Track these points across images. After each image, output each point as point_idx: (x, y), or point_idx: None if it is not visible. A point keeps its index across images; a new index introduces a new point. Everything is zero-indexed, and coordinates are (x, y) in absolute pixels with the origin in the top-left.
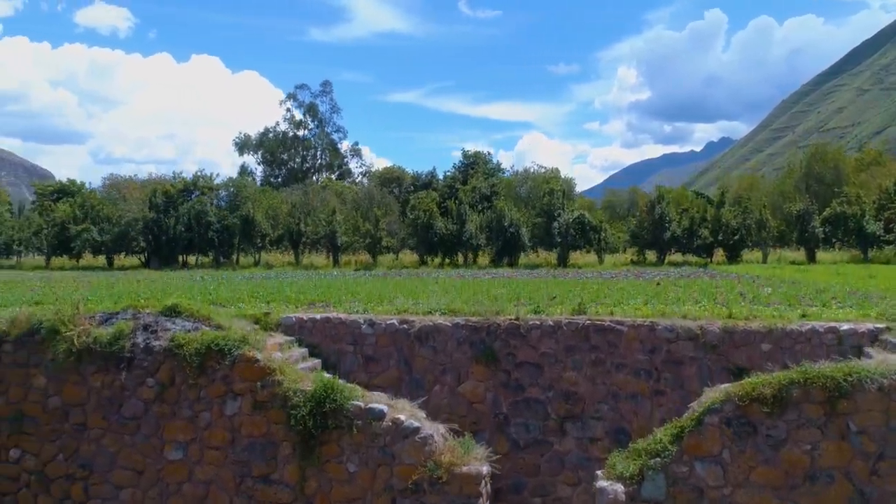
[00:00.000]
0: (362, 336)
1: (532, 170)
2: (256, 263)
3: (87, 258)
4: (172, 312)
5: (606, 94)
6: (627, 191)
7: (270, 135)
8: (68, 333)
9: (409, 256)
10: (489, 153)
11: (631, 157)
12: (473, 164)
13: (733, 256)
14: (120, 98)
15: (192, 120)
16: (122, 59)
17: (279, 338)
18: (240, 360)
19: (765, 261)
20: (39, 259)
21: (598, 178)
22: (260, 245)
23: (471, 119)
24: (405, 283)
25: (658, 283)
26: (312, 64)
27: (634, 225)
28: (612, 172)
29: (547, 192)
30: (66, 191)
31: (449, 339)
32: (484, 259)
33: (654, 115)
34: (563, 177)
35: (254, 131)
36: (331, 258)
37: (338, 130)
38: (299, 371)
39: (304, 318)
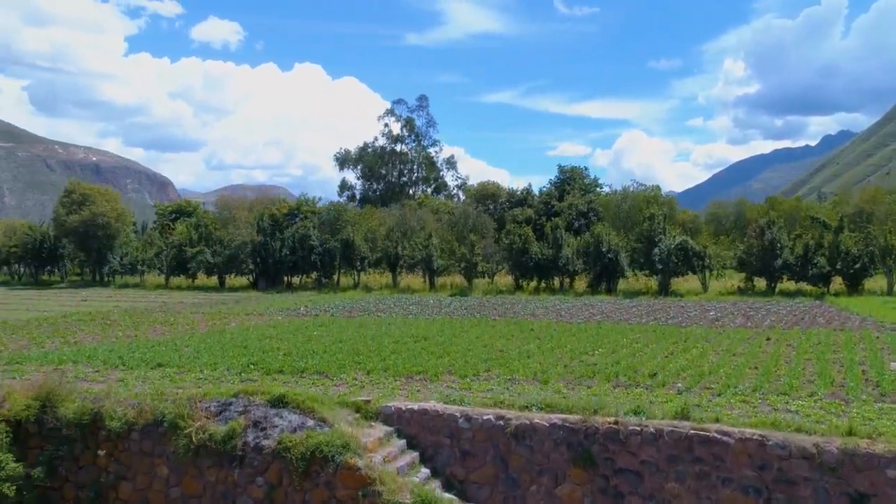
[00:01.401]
0: (459, 430)
1: (631, 188)
2: (356, 285)
3: (202, 278)
4: (280, 403)
5: (711, 89)
6: (734, 203)
7: (369, 150)
8: (187, 430)
9: (504, 278)
10: (586, 168)
11: (738, 154)
12: (570, 180)
13: (853, 285)
14: (230, 107)
15: (295, 126)
16: (232, 70)
17: (379, 429)
18: (342, 468)
19: (890, 291)
20: (160, 278)
21: (702, 176)
22: (359, 267)
23: (566, 118)
24: (498, 329)
25: (768, 339)
26: (408, 68)
27: (742, 251)
28: (717, 170)
29: (647, 217)
30: (183, 210)
31: (546, 439)
32: (581, 283)
33: (763, 109)
34: (664, 194)
35: (352, 139)
36: (427, 281)
37: (434, 144)
38: (399, 480)
39: (403, 408)
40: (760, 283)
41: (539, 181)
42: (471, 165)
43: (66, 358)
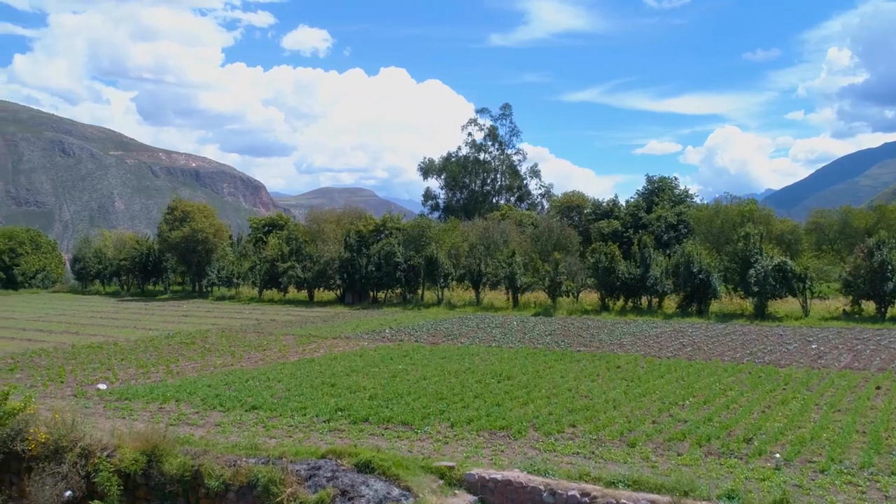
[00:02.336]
0: None
1: (724, 200)
2: (439, 301)
3: (292, 291)
4: (367, 468)
5: (812, 80)
6: (838, 211)
7: (452, 159)
8: (279, 497)
9: (590, 296)
10: (675, 178)
11: (843, 148)
12: (658, 191)
13: None
14: (319, 112)
15: (381, 129)
16: (321, 76)
17: (462, 498)
18: None
19: None
20: (254, 291)
21: (803, 173)
22: (443, 284)
23: (655, 115)
24: (583, 365)
25: (878, 388)
26: (492, 68)
27: (848, 271)
28: (819, 165)
29: (742, 236)
30: (275, 224)
31: None
32: (670, 304)
33: (871, 100)
34: (760, 209)
35: (436, 140)
36: (510, 298)
37: (517, 152)
38: None
39: (486, 476)
40: (869, 306)
41: (625, 180)
42: (555, 166)
43: (170, 395)
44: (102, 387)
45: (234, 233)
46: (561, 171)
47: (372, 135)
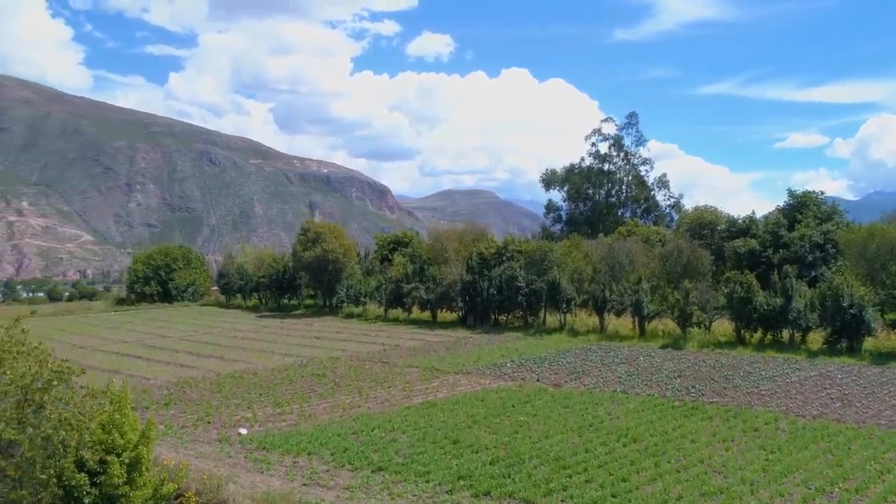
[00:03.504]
0: None
1: (881, 220)
2: (562, 327)
3: (416, 311)
4: None
5: None
6: None
7: (576, 170)
8: None
9: (723, 325)
10: (821, 192)
11: None
12: (802, 207)
13: None
14: (442, 116)
15: (502, 130)
16: (444, 80)
17: None
18: None
19: None
20: (380, 309)
21: None
22: (565, 309)
23: (796, 105)
24: (715, 427)
25: None
26: (617, 64)
27: None
28: None
29: None
30: (400, 241)
31: None
32: (815, 339)
33: None
34: None
35: (560, 141)
36: (636, 326)
37: (644, 162)
38: None
39: None
40: None
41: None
42: (685, 163)
43: (303, 445)
44: (243, 431)
45: (360, 234)
46: (692, 169)
47: (493, 136)
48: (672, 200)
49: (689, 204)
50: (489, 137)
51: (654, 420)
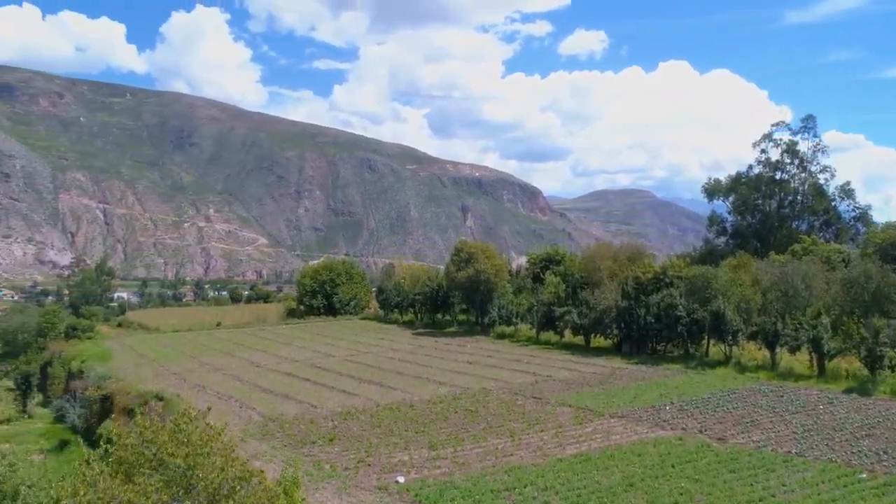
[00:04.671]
0: None
1: None
2: (727, 360)
3: (568, 335)
4: None
5: None
6: None
7: (743, 179)
8: None
9: None
10: None
11: None
12: None
13: None
14: (595, 114)
15: (659, 126)
16: (597, 78)
17: None
18: None
19: None
20: (531, 331)
21: None
22: (731, 342)
23: None
24: None
25: None
26: (789, 50)
27: None
28: None
29: None
30: (553, 259)
31: None
32: None
33: None
34: None
35: (725, 135)
36: (813, 364)
37: (823, 170)
38: None
39: None
40: None
41: None
42: (874, 154)
43: (456, 502)
44: (401, 479)
45: (511, 237)
46: (886, 159)
47: (650, 133)
48: (857, 211)
49: (880, 207)
50: (645, 134)
51: (835, 499)
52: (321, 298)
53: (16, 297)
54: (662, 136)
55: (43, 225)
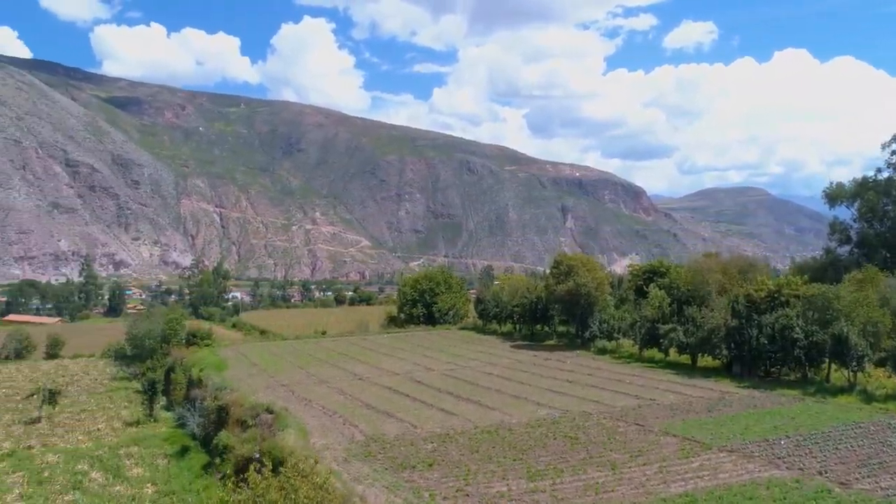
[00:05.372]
0: None
1: None
2: (850, 387)
3: (673, 353)
4: None
5: None
6: None
7: (870, 183)
8: None
9: None
10: None
11: None
12: None
13: None
14: (703, 108)
15: (775, 119)
16: (705, 71)
17: None
18: None
19: None
20: (634, 348)
21: None
22: (855, 368)
23: None
24: None
25: None
26: None
27: None
28: None
29: None
30: (657, 271)
31: None
32: None
33: None
34: None
35: (849, 133)
36: None
37: None
38: None
39: None
40: None
41: None
42: None
43: None
44: None
45: (613, 238)
46: None
47: (764, 127)
48: None
49: None
50: (759, 128)
51: None
52: (421, 308)
53: (143, 296)
54: (778, 129)
55: (167, 228)
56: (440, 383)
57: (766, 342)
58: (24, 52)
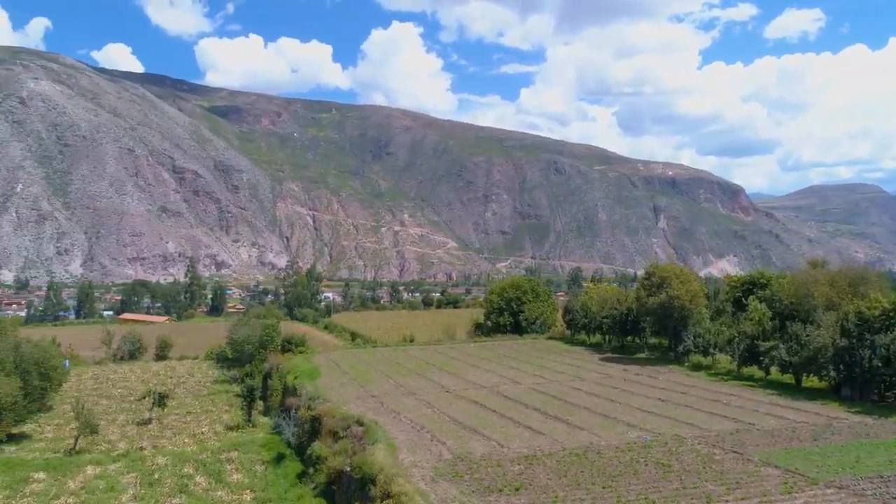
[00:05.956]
0: None
1: None
2: None
3: (775, 372)
4: None
5: None
6: None
7: None
8: None
9: None
10: None
11: None
12: None
13: None
14: (808, 101)
15: (890, 110)
16: (810, 61)
17: None
18: None
19: None
20: (731, 364)
21: None
22: None
23: None
24: None
25: None
26: None
27: None
28: None
29: None
30: (756, 282)
31: None
32: None
33: None
34: None
35: None
36: None
37: None
38: None
39: None
40: None
41: None
42: None
43: None
44: None
45: (708, 238)
46: None
47: (877, 119)
48: None
49: None
50: (872, 120)
51: None
52: (508, 316)
53: (242, 295)
54: (894, 121)
55: (264, 230)
56: (527, 398)
57: (880, 364)
58: (136, 67)
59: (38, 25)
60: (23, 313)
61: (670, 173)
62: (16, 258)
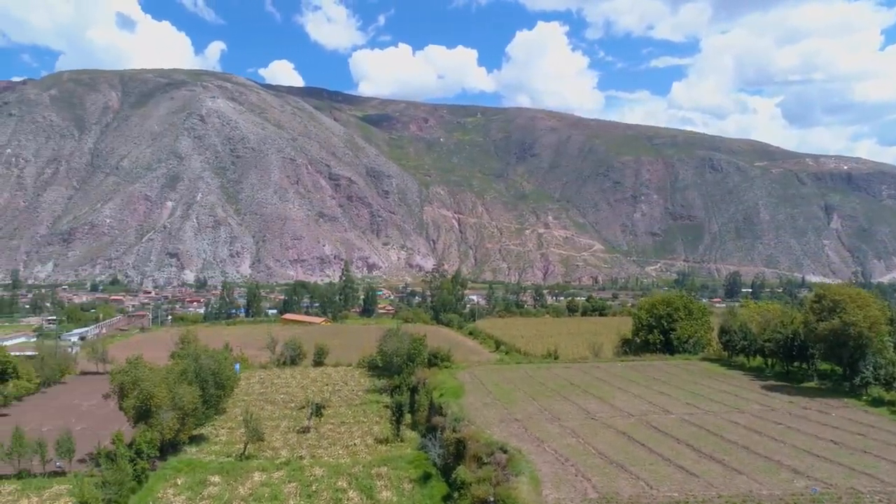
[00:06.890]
0: None
1: None
2: None
3: None
4: None
5: None
6: None
7: None
8: None
9: None
10: None
11: None
12: None
13: None
14: None
15: None
16: None
17: None
18: None
19: None
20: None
21: None
22: None
23: None
24: None
25: None
26: None
27: None
28: None
29: None
30: None
31: None
32: None
33: None
34: None
35: None
36: None
37: None
38: None
39: None
40: None
41: None
42: None
43: None
44: None
45: (892, 241)
46: None
47: None
48: None
49: None
50: None
51: None
52: (658, 334)
53: (391, 296)
54: None
55: (412, 233)
56: (679, 431)
57: None
58: (297, 81)
59: (215, 49)
60: (202, 310)
61: (845, 167)
62: (196, 260)
